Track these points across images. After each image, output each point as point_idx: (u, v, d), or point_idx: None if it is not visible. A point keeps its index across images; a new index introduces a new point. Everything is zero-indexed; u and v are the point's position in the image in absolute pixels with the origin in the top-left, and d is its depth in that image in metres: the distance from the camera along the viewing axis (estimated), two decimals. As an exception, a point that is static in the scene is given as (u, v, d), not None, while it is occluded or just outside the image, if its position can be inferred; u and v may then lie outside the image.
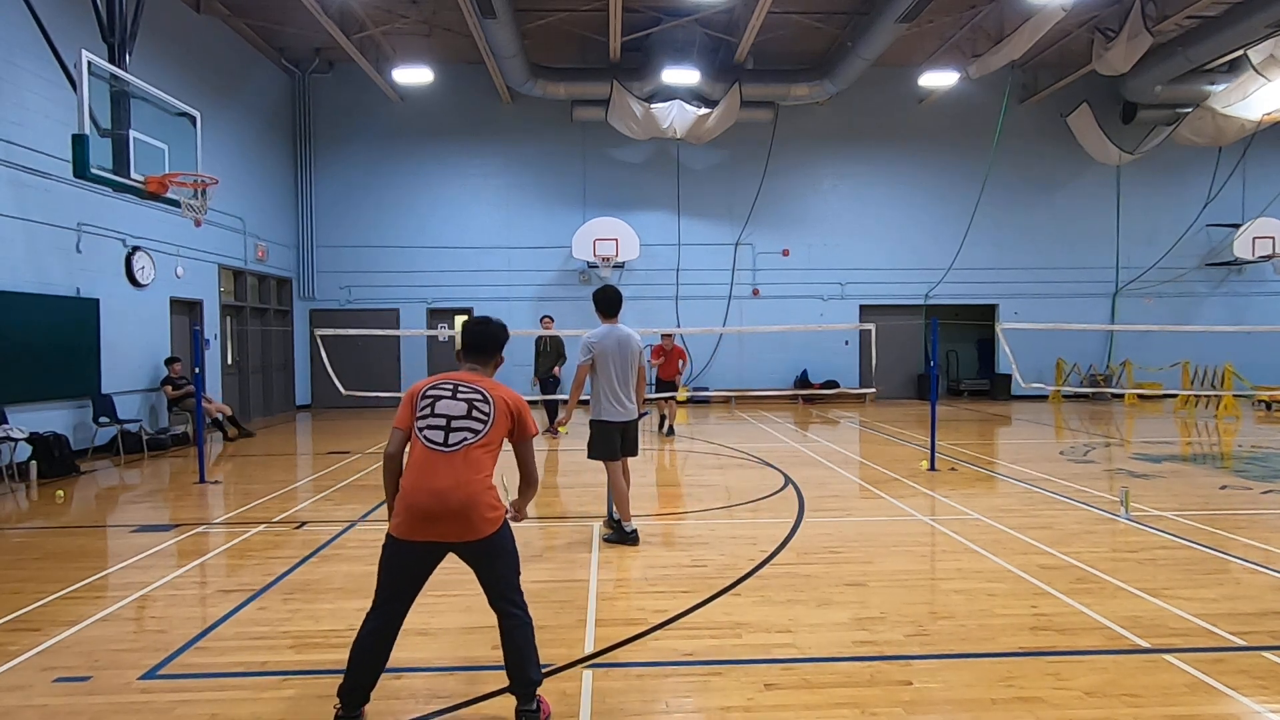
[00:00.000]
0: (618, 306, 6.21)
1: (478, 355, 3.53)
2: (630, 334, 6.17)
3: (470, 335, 3.54)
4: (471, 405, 3.28)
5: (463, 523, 3.12)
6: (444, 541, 3.18)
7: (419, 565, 3.22)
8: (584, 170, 19.13)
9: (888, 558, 5.71)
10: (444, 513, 3.09)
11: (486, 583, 3.30)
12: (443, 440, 3.18)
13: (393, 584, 3.22)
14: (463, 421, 3.23)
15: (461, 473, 3.14)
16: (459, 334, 3.59)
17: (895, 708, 3.40)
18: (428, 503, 3.09)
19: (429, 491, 3.10)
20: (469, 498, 3.11)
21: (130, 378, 12.16)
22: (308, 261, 18.71)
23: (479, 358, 3.53)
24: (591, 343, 6.13)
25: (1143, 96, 18.21)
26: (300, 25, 15.46)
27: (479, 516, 3.14)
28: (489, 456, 3.24)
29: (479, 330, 3.56)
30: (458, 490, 3.10)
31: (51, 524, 7.20)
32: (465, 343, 3.54)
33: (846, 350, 19.63)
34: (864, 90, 18.33)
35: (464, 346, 3.55)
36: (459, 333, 3.58)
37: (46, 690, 3.65)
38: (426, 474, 3.14)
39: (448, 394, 3.30)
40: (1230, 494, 7.89)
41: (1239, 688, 3.55)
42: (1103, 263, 19.76)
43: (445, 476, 3.12)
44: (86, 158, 7.96)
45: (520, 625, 3.27)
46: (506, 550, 3.30)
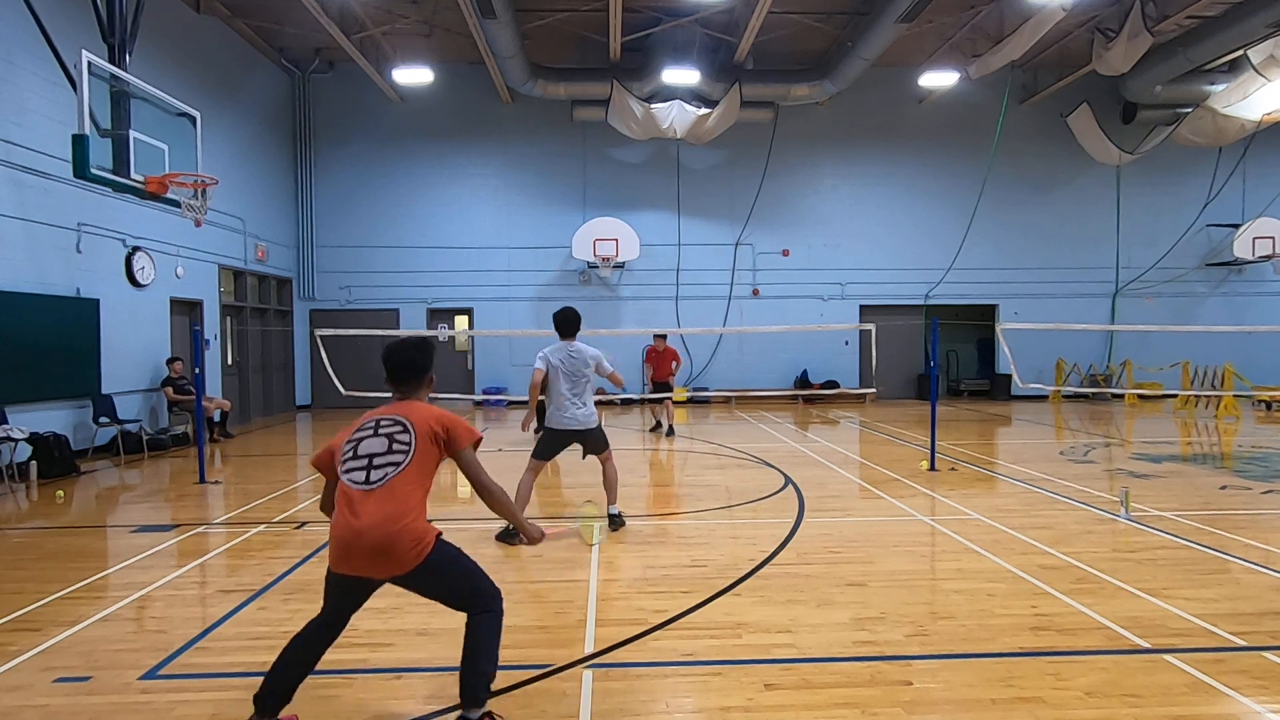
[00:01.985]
0: (575, 327, 6.43)
1: (400, 384, 3.42)
2: (581, 347, 6.41)
3: (389, 364, 3.41)
4: (391, 439, 3.19)
5: (384, 559, 3.05)
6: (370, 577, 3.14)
7: (350, 595, 3.21)
8: (584, 170, 19.13)
9: (888, 558, 5.71)
10: (365, 550, 3.02)
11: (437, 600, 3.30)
12: (364, 479, 3.11)
13: (331, 607, 3.24)
14: (384, 458, 3.14)
15: (384, 508, 3.04)
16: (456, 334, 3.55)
17: (895, 708, 3.40)
18: (350, 540, 3.04)
19: (351, 530, 3.04)
20: (387, 536, 3.02)
21: (130, 378, 12.16)
22: (308, 261, 18.71)
23: (402, 387, 3.42)
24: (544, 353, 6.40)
25: (1143, 96, 18.21)
26: (300, 25, 15.47)
27: (402, 551, 3.05)
28: (416, 488, 3.15)
29: (396, 359, 3.41)
30: (376, 529, 3.01)
31: (51, 524, 7.20)
32: (387, 371, 3.41)
33: (846, 350, 19.63)
34: (864, 90, 18.33)
35: (387, 375, 3.42)
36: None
37: (46, 690, 3.65)
38: (348, 512, 3.07)
39: (369, 433, 3.22)
40: (1230, 494, 7.89)
41: (1239, 688, 3.55)
42: (1103, 263, 19.76)
43: (365, 514, 3.03)
44: (86, 158, 7.96)
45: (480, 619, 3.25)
46: (442, 570, 3.19)
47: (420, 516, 3.14)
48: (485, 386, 18.88)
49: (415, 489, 3.14)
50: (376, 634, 4.29)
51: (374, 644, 4.15)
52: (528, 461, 6.47)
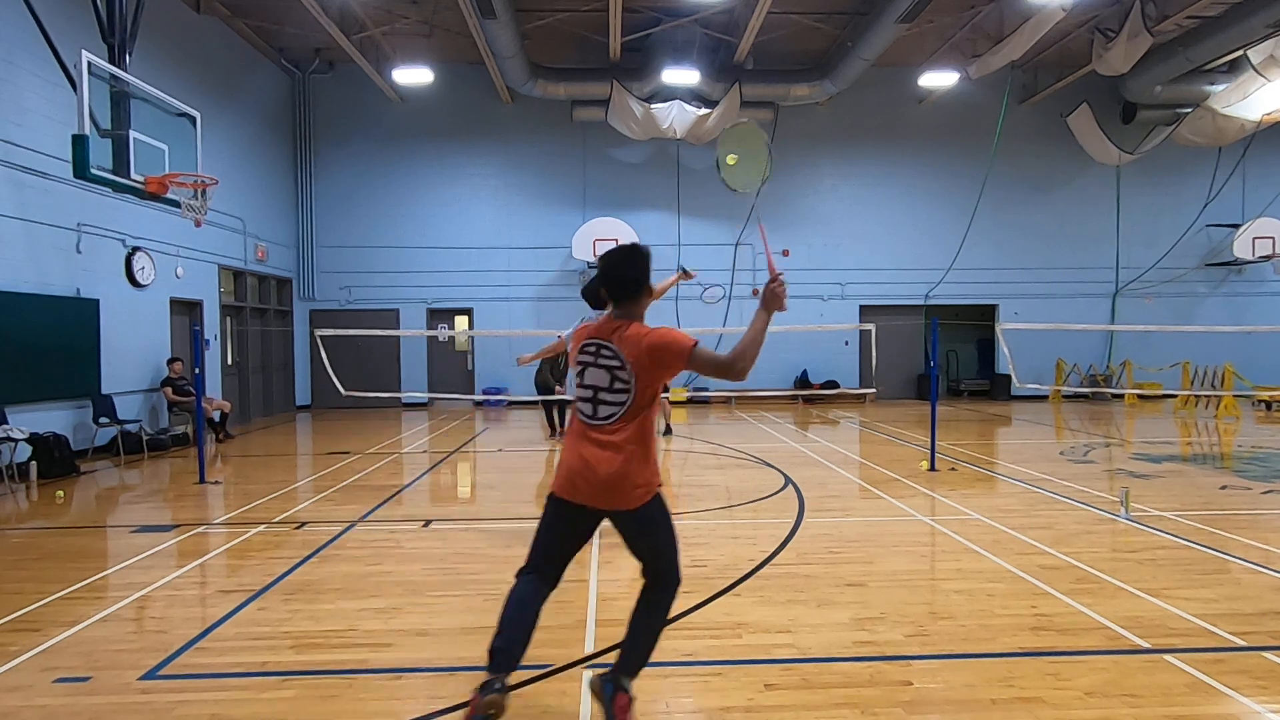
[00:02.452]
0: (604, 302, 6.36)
1: (617, 302, 3.19)
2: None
3: (606, 277, 3.18)
4: (612, 375, 3.08)
5: (612, 494, 3.03)
6: (594, 507, 3.09)
7: (573, 526, 3.14)
8: (584, 170, 19.13)
9: (888, 558, 5.71)
10: (595, 482, 3.02)
11: (641, 555, 3.22)
12: (592, 413, 3.09)
13: (546, 546, 3.17)
14: (607, 394, 3.08)
15: (611, 446, 3.02)
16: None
17: (895, 708, 3.40)
18: (579, 469, 3.04)
19: (580, 459, 3.05)
20: (615, 474, 3.00)
21: (130, 378, 12.16)
22: (308, 262, 18.72)
23: (620, 305, 3.18)
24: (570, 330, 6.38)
25: (1143, 97, 18.21)
26: (300, 25, 15.47)
27: (628, 488, 3.02)
28: (641, 422, 3.07)
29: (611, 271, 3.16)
30: (605, 464, 3.01)
31: (51, 524, 7.20)
32: (603, 283, 3.19)
33: (846, 350, 19.63)
34: (864, 90, 18.32)
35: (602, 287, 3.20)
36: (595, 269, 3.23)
37: (46, 690, 3.65)
38: (579, 440, 3.09)
39: (591, 358, 3.13)
40: (1230, 494, 7.89)
41: (1239, 688, 3.55)
42: (1103, 263, 19.76)
43: (594, 449, 3.04)
44: (86, 158, 7.96)
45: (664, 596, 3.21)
46: (655, 523, 3.14)
47: (646, 456, 3.08)
48: (485, 387, 18.87)
49: (638, 428, 3.06)
50: (376, 634, 4.29)
51: (374, 644, 4.15)
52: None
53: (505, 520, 7.09)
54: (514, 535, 6.53)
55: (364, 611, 4.64)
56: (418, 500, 8.14)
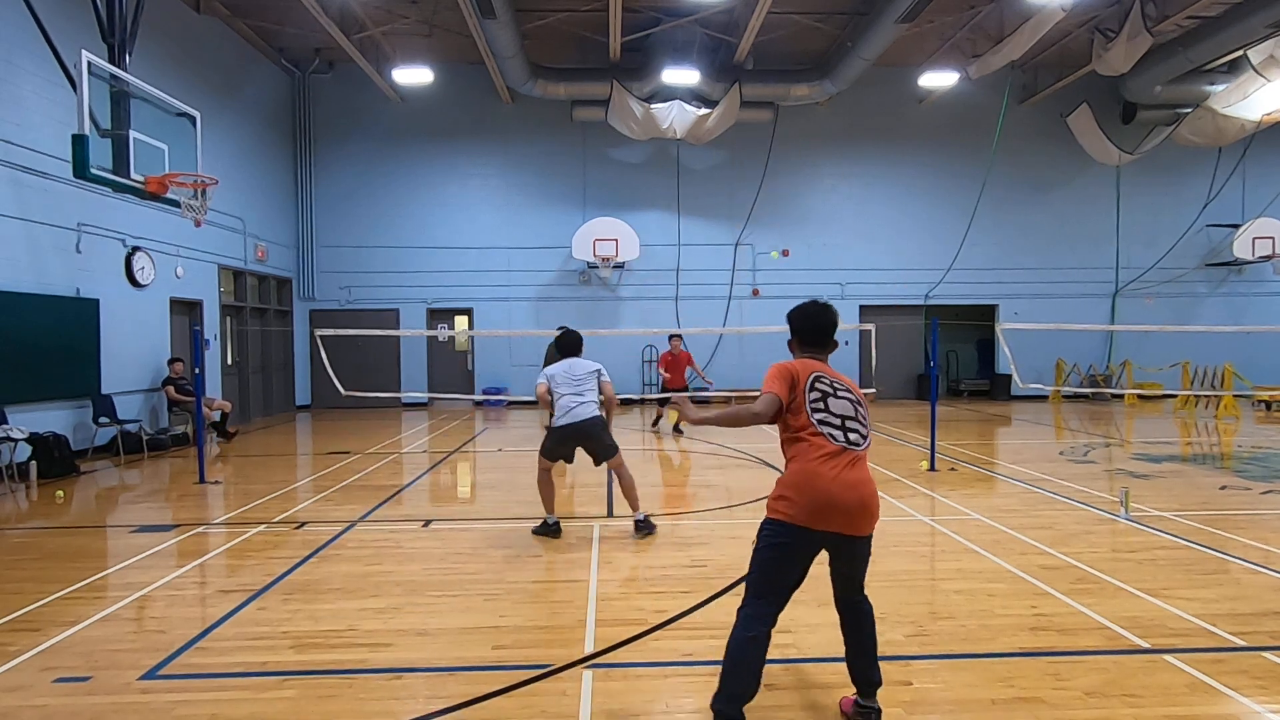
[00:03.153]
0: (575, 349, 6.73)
1: (822, 347, 3.49)
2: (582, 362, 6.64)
3: (814, 325, 3.47)
4: (856, 406, 3.33)
5: (867, 517, 3.19)
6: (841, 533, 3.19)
7: (811, 556, 3.27)
8: (584, 170, 19.13)
9: (888, 558, 5.70)
10: (854, 505, 3.14)
11: (848, 576, 3.36)
12: (844, 439, 3.23)
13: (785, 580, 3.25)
14: (855, 424, 3.29)
15: (865, 470, 3.24)
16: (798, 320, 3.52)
17: (895, 708, 3.40)
18: (839, 494, 3.12)
19: (841, 484, 3.13)
20: (873, 495, 3.21)
21: (130, 378, 12.16)
22: (308, 261, 18.71)
23: (823, 350, 3.49)
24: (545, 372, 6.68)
25: (1143, 97, 18.21)
26: (300, 25, 15.47)
27: (876, 511, 3.24)
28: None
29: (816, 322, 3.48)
30: (865, 486, 3.18)
31: (51, 524, 7.20)
32: (808, 333, 3.48)
33: (846, 350, 19.60)
34: (864, 90, 18.32)
35: (805, 338, 3.49)
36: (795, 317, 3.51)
37: (46, 690, 3.65)
38: (833, 466, 3.16)
39: (829, 391, 3.32)
40: (1230, 494, 7.89)
41: (1239, 688, 3.55)
42: (1103, 263, 19.76)
43: (854, 472, 3.17)
44: (86, 158, 7.95)
45: (870, 614, 3.38)
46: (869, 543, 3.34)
47: None
48: (485, 387, 18.87)
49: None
50: (376, 634, 4.29)
51: (374, 644, 4.15)
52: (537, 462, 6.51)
53: (505, 520, 7.09)
54: (514, 535, 6.54)
55: (364, 611, 4.64)
56: (417, 500, 8.14)
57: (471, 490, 9.14)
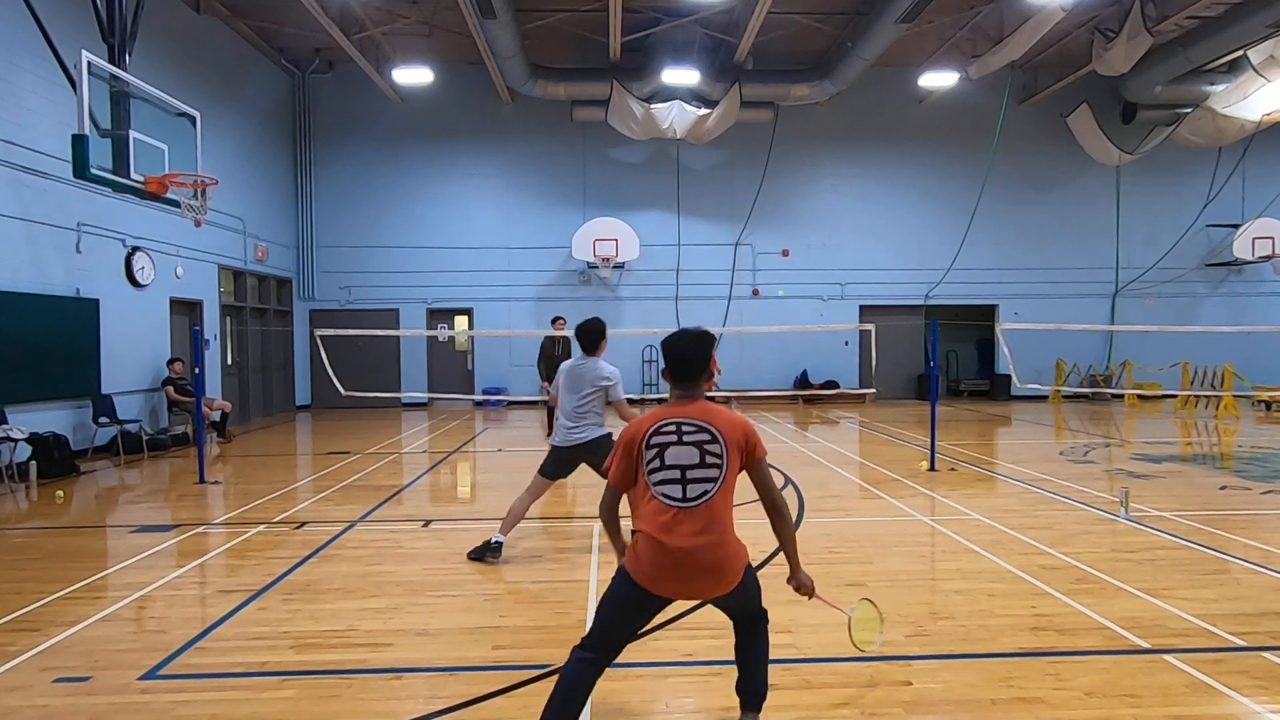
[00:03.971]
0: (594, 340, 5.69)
1: (682, 381, 3.05)
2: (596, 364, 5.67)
3: (669, 359, 3.06)
4: (702, 451, 2.91)
5: (715, 579, 2.92)
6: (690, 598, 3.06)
7: (650, 615, 3.02)
8: (584, 170, 19.13)
9: (888, 558, 5.71)
10: (693, 569, 2.86)
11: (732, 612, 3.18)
12: (681, 495, 2.87)
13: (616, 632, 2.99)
14: (698, 471, 2.90)
15: (709, 528, 2.86)
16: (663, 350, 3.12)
17: (895, 708, 3.40)
18: (678, 559, 2.83)
19: (676, 549, 2.83)
20: (722, 558, 2.89)
21: (130, 378, 12.16)
22: (308, 261, 18.72)
23: (684, 383, 3.05)
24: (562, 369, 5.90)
25: (1143, 97, 18.21)
26: (300, 25, 15.47)
27: (733, 571, 2.94)
28: (729, 502, 2.96)
29: (675, 355, 3.05)
30: (708, 550, 2.85)
31: (51, 524, 7.20)
32: (670, 366, 3.06)
33: (846, 350, 19.63)
34: (864, 90, 18.32)
35: (670, 371, 3.07)
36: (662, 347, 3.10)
37: (46, 690, 3.65)
38: (666, 530, 2.84)
39: (672, 439, 2.93)
40: (1230, 494, 7.89)
41: (1239, 688, 3.55)
42: (1103, 263, 19.76)
43: (690, 535, 2.84)
44: (86, 158, 7.96)
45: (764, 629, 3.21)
46: (749, 583, 3.08)
47: (734, 534, 2.98)
48: (485, 387, 18.87)
49: (729, 503, 2.96)
50: (376, 634, 4.29)
51: (374, 644, 4.15)
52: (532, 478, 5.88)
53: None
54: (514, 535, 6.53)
55: (364, 611, 4.64)
56: (417, 500, 8.14)
57: (471, 490, 9.14)
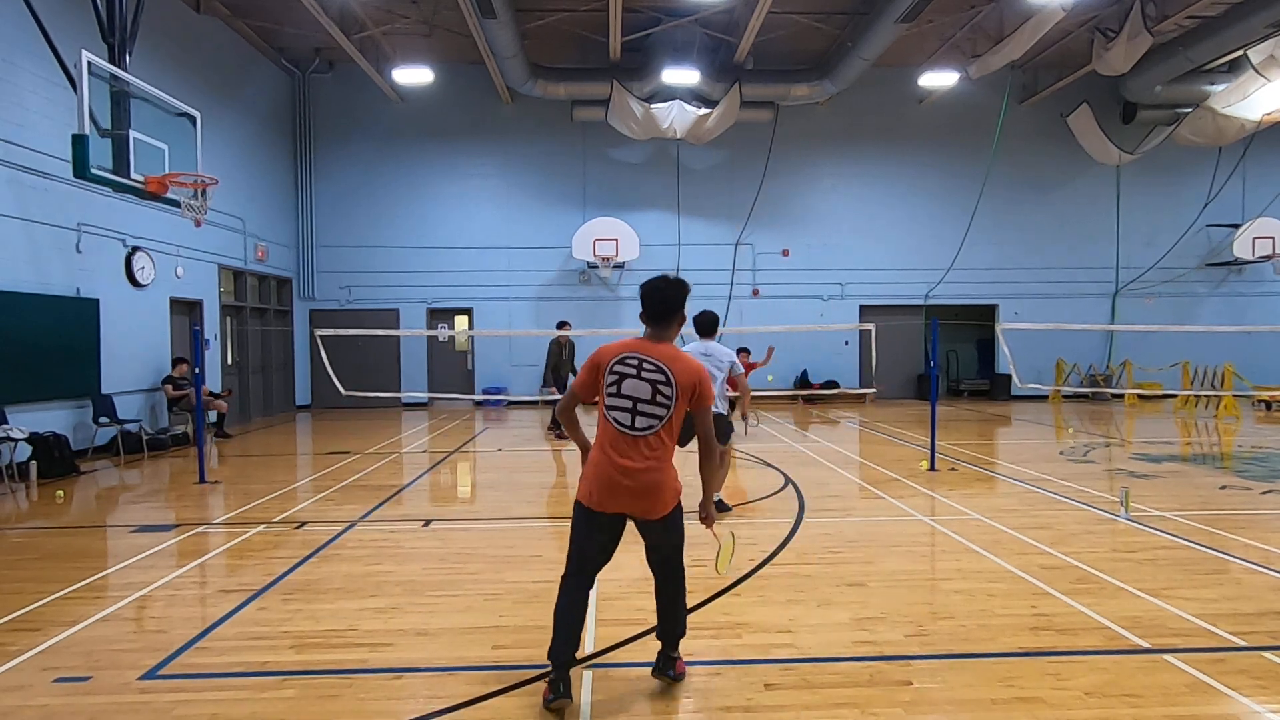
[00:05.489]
0: (712, 328, 6.86)
1: (654, 321, 3.53)
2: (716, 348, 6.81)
3: (646, 300, 3.54)
4: (655, 389, 3.35)
5: (648, 501, 3.37)
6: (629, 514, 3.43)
7: (607, 532, 3.46)
8: (584, 170, 19.13)
9: (888, 558, 5.71)
10: (632, 490, 3.33)
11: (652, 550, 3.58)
12: (629, 423, 3.35)
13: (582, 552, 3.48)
14: (648, 406, 3.35)
15: (649, 456, 3.34)
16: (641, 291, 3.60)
17: (895, 708, 3.40)
18: (617, 478, 3.32)
19: (618, 469, 3.33)
20: (654, 482, 3.35)
21: (130, 378, 12.16)
22: (308, 261, 18.71)
23: (656, 324, 3.53)
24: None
25: (1143, 96, 18.21)
26: (300, 25, 15.46)
27: (666, 497, 3.40)
28: (671, 439, 3.41)
29: (656, 296, 3.52)
30: (645, 474, 3.33)
31: (51, 524, 7.20)
32: (645, 308, 3.54)
33: (846, 350, 19.63)
34: (864, 90, 18.32)
35: (644, 312, 3.55)
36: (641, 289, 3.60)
37: (46, 690, 3.65)
38: (613, 452, 3.34)
39: (632, 372, 3.38)
40: (1230, 494, 7.89)
41: (1239, 688, 3.55)
42: (1103, 263, 19.76)
43: (633, 458, 3.33)
44: (86, 158, 7.96)
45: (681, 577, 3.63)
46: (676, 526, 3.53)
47: (672, 468, 3.46)
48: (485, 387, 18.87)
49: (671, 440, 3.41)
50: (376, 634, 4.29)
51: (374, 644, 4.15)
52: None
53: (505, 520, 7.09)
54: (514, 535, 6.54)
55: (364, 611, 4.64)
56: (417, 500, 8.14)
57: (471, 490, 9.14)
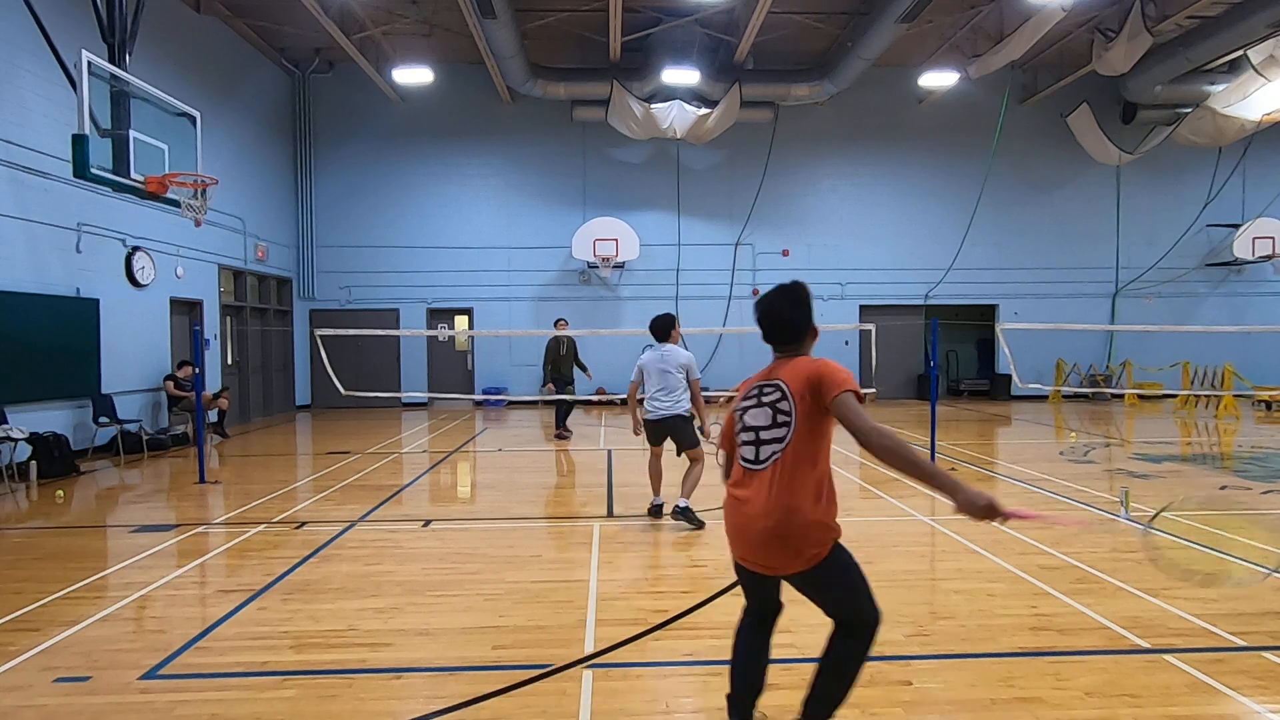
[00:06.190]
0: (666, 331, 6.87)
1: (776, 344, 3.00)
2: (674, 351, 6.84)
3: (761, 322, 3.00)
4: (774, 410, 2.81)
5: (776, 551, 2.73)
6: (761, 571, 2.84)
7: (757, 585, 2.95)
8: (584, 170, 19.13)
9: (888, 558, 5.71)
10: (756, 538, 2.75)
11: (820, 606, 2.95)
12: (754, 456, 2.82)
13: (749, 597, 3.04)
14: (769, 432, 2.79)
15: (775, 492, 2.71)
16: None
17: (895, 708, 3.40)
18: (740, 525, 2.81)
19: (740, 514, 2.81)
20: (779, 525, 2.69)
21: (130, 378, 12.16)
22: (308, 261, 18.71)
23: (779, 347, 2.99)
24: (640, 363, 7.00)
25: (1143, 96, 18.21)
26: (300, 25, 15.46)
27: (796, 543, 2.71)
28: (810, 467, 2.73)
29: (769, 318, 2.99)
30: (767, 515, 2.70)
31: (51, 524, 7.20)
32: (761, 327, 3.00)
33: (846, 350, 19.63)
34: (864, 90, 18.32)
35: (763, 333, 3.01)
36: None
37: (46, 690, 3.65)
38: (736, 492, 2.85)
39: (753, 401, 2.89)
40: (1230, 494, 7.88)
41: (1239, 688, 3.55)
42: (1103, 263, 19.76)
43: (754, 499, 2.76)
44: (86, 158, 7.96)
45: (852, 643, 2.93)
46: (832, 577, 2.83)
47: (818, 505, 2.74)
48: (485, 387, 18.87)
49: (809, 468, 2.73)
50: (376, 634, 4.29)
51: (374, 644, 4.15)
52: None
53: (505, 520, 7.09)
54: (514, 535, 6.54)
55: (364, 611, 4.64)
56: (417, 500, 8.14)
57: (471, 490, 9.14)
